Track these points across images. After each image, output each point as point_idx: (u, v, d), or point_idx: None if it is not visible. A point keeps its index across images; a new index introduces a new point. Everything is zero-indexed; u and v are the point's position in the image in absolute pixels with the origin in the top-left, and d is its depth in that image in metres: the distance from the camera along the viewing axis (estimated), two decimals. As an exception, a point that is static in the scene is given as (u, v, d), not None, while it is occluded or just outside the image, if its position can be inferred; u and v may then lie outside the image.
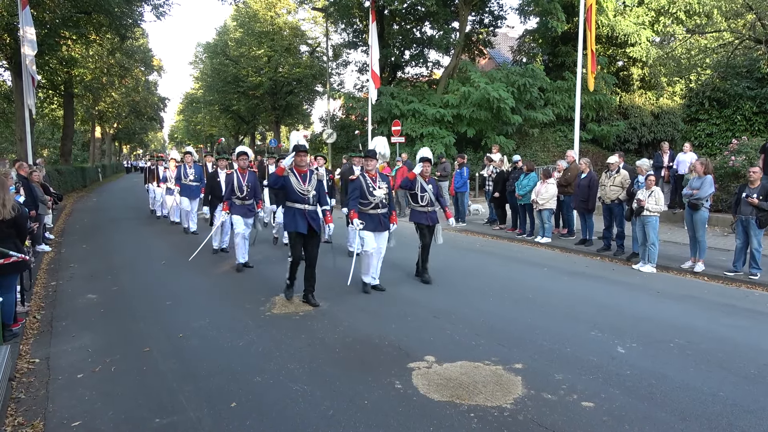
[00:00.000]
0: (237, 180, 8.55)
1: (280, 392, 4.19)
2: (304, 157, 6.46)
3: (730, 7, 16.32)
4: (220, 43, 38.78)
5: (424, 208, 7.75)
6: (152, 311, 6.47)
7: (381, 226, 7.09)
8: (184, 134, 70.02)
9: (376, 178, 7.07)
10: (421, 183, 7.75)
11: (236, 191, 8.50)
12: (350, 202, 7.02)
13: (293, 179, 6.37)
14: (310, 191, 6.44)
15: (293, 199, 6.40)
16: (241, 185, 8.54)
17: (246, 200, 8.61)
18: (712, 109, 18.18)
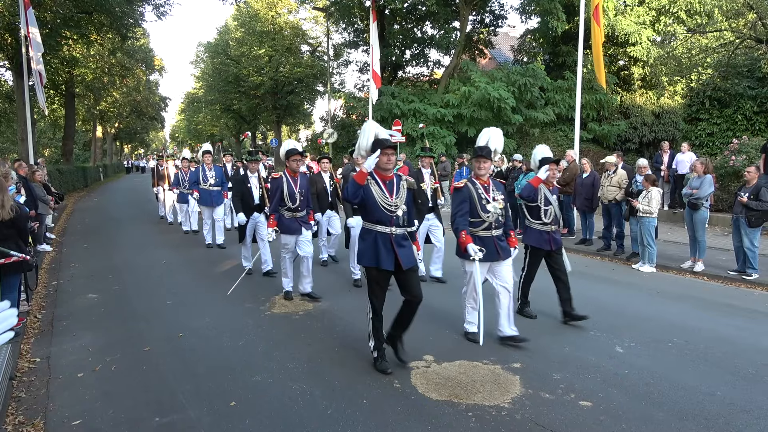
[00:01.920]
0: (288, 186, 6.65)
1: (279, 391, 4.21)
2: (392, 157, 4.52)
3: (731, 7, 16.30)
4: (221, 42, 38.80)
5: (546, 226, 5.89)
6: (153, 311, 6.50)
7: (498, 253, 5.11)
8: (185, 134, 70.06)
9: (489, 187, 5.18)
10: (545, 193, 5.91)
11: (287, 200, 6.67)
12: (458, 219, 5.02)
13: (375, 189, 4.49)
14: (399, 206, 4.55)
15: (375, 219, 4.51)
16: (293, 193, 6.64)
17: (298, 211, 6.74)
18: (712, 109, 18.17)
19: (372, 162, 4.37)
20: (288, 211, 6.67)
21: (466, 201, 5.07)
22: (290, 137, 57.71)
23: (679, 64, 18.54)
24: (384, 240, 4.48)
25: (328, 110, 29.64)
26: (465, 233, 4.94)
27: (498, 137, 5.25)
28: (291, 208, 6.65)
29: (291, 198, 6.64)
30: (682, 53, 18.62)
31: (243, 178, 8.27)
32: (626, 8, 21.42)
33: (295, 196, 6.65)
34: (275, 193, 6.66)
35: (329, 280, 7.82)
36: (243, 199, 8.11)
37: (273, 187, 6.80)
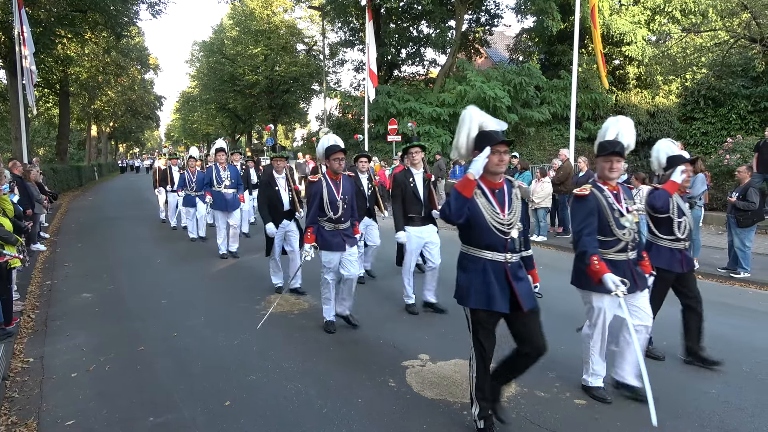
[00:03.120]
0: (329, 191, 5.41)
1: (274, 391, 4.20)
2: (505, 157, 3.33)
3: (726, 6, 16.35)
4: (217, 41, 38.72)
5: (678, 242, 4.59)
6: (147, 310, 6.48)
7: (636, 283, 3.90)
8: (180, 133, 69.86)
9: (620, 194, 3.90)
10: (677, 201, 4.58)
11: (327, 209, 5.39)
12: (585, 239, 3.71)
13: (482, 203, 3.32)
14: (514, 224, 3.36)
15: (484, 243, 3.34)
16: (334, 200, 5.40)
17: (341, 222, 5.47)
18: (707, 108, 18.25)
19: (480, 165, 3.17)
20: (329, 223, 5.43)
21: (594, 214, 3.78)
22: (286, 136, 57.72)
23: (674, 63, 18.60)
24: (497, 272, 3.33)
25: (323, 109, 29.63)
26: (598, 259, 3.62)
27: (629, 129, 4.09)
28: (332, 218, 5.40)
29: (332, 206, 5.39)
30: (677, 52, 18.68)
31: (269, 180, 6.95)
32: (621, 7, 21.48)
33: (338, 204, 5.39)
34: (313, 201, 5.39)
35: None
36: (270, 204, 6.84)
37: (311, 194, 5.47)
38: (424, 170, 6.12)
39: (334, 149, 5.38)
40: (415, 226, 6.01)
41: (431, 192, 6.16)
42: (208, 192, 9.75)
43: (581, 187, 3.92)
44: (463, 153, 3.52)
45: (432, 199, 6.14)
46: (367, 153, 8.01)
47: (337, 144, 5.43)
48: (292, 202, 7.02)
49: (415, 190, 5.95)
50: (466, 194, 3.19)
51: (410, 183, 5.99)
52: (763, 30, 14.20)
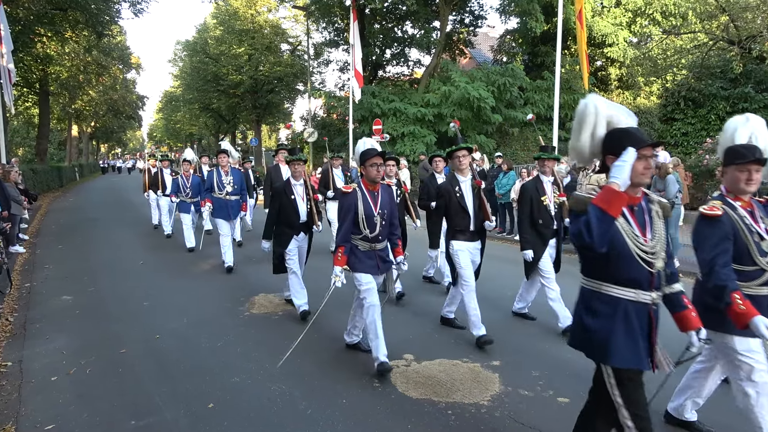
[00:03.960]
0: (365, 204, 4.55)
1: (258, 392, 4.18)
2: (651, 162, 2.56)
3: (705, 9, 16.65)
4: (200, 41, 38.34)
5: None
6: (129, 312, 6.40)
7: None
8: (163, 133, 69.18)
9: (755, 212, 3.11)
10: None
11: (363, 226, 4.52)
12: (722, 271, 2.92)
13: (621, 225, 2.55)
14: (659, 252, 2.59)
15: (625, 278, 2.57)
16: (371, 214, 4.54)
17: (378, 241, 4.62)
18: (687, 109, 18.51)
19: (627, 173, 2.40)
20: (364, 242, 4.57)
21: (729, 239, 2.98)
22: (270, 137, 57.44)
23: (655, 65, 18.88)
24: (640, 317, 2.60)
25: (308, 109, 29.53)
26: (741, 296, 2.83)
27: (763, 130, 3.23)
28: (368, 237, 4.55)
29: (368, 222, 4.53)
30: (658, 54, 18.96)
31: (284, 187, 6.01)
32: (603, 9, 21.73)
33: (375, 220, 4.53)
34: (346, 215, 4.52)
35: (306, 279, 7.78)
36: (282, 214, 5.94)
37: (342, 207, 4.58)
38: (472, 177, 5.27)
39: (370, 154, 4.49)
40: (463, 241, 5.25)
41: (482, 202, 5.28)
42: (208, 199, 8.53)
43: (710, 204, 3.09)
44: (586, 156, 2.76)
45: (483, 209, 5.27)
46: (392, 154, 7.04)
47: (374, 148, 4.57)
48: (310, 214, 6.10)
49: (462, 200, 5.17)
50: (613, 213, 2.37)
51: (456, 192, 5.18)
52: (740, 32, 14.46)
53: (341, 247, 4.54)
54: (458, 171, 5.24)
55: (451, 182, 5.27)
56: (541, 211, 5.50)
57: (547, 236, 5.52)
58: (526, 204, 5.52)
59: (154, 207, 13.17)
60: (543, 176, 5.61)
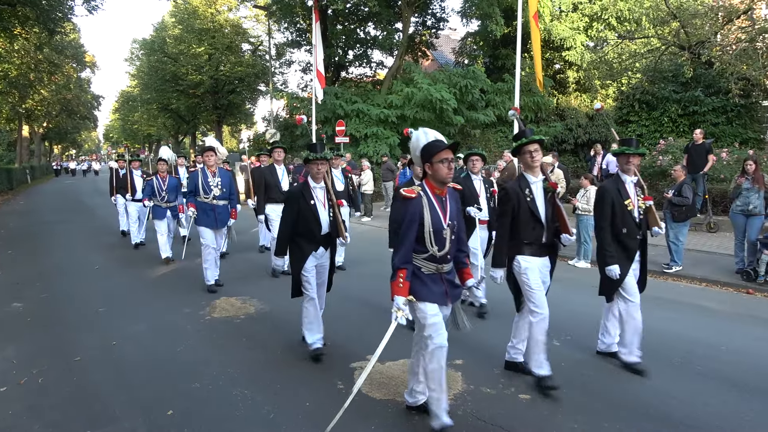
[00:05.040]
0: (432, 214, 3.50)
1: (220, 398, 4.10)
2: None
3: (657, 15, 17.19)
4: (158, 39, 37.46)
5: None
6: (84, 319, 6.19)
7: None
8: (120, 134, 67.31)
9: None
10: None
11: (430, 242, 3.48)
12: None
13: None
14: None
15: None
16: (440, 227, 3.49)
17: (446, 262, 3.59)
18: (641, 111, 19.08)
19: None
20: (430, 262, 3.52)
21: None
22: (232, 137, 56.57)
23: (611, 68, 19.38)
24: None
25: (270, 110, 29.26)
26: None
27: None
28: (436, 256, 3.50)
29: (437, 238, 3.47)
30: (613, 58, 19.48)
31: (301, 190, 4.86)
32: (561, 14, 22.24)
33: (444, 234, 3.49)
34: (408, 228, 3.44)
35: (272, 282, 7.69)
36: (299, 224, 4.80)
37: (402, 216, 3.52)
38: (545, 178, 4.30)
39: (438, 147, 3.40)
40: (532, 256, 4.28)
41: (557, 209, 4.31)
42: (192, 203, 7.31)
43: None
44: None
45: (560, 219, 4.31)
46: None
47: (441, 139, 3.52)
48: (334, 224, 4.93)
49: (533, 206, 4.17)
50: None
51: (526, 195, 4.19)
52: (690, 38, 15.02)
53: (402, 270, 3.44)
54: (529, 170, 4.24)
55: (520, 183, 4.25)
56: (624, 217, 4.54)
57: (632, 249, 4.60)
58: (607, 209, 4.55)
59: (122, 212, 12.11)
60: (624, 175, 4.64)
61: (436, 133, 3.56)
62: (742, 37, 13.74)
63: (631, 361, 4.58)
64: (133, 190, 10.85)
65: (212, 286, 7.37)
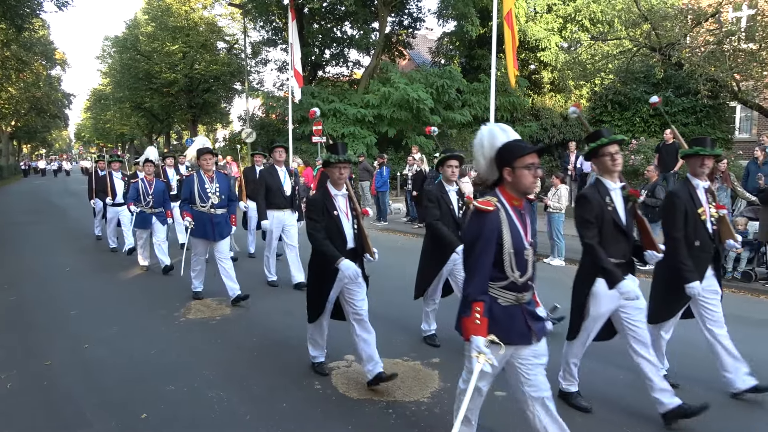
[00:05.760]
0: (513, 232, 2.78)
1: (195, 400, 4.06)
2: None
3: (629, 17, 17.46)
4: (131, 37, 36.81)
5: None
6: (55, 322, 6.06)
7: None
8: (92, 133, 65.96)
9: None
10: None
11: (511, 267, 2.78)
12: None
13: None
14: None
15: None
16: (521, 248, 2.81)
17: (526, 290, 2.89)
18: (614, 112, 19.41)
19: None
20: (509, 292, 2.83)
21: None
22: (207, 137, 55.85)
23: (584, 69, 19.64)
24: None
25: (246, 109, 28.99)
26: None
27: None
28: (518, 283, 2.82)
29: (518, 261, 2.79)
30: (587, 59, 19.74)
31: (322, 199, 4.21)
32: (536, 15, 22.50)
33: (526, 256, 2.83)
34: (484, 249, 2.74)
35: (247, 282, 7.64)
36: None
37: (479, 235, 2.75)
38: (624, 185, 3.72)
39: (524, 149, 2.77)
40: None
41: (640, 220, 3.78)
42: (188, 213, 6.57)
43: None
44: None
45: (644, 232, 3.76)
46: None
47: (517, 141, 2.85)
48: (359, 237, 4.32)
49: (616, 216, 3.58)
50: None
51: (607, 204, 3.57)
52: (661, 40, 15.29)
53: (478, 303, 2.70)
54: (607, 174, 3.62)
55: (599, 190, 3.61)
56: (697, 228, 3.95)
57: (705, 265, 3.99)
58: (680, 218, 3.92)
59: (99, 217, 11.39)
60: (696, 180, 4.03)
61: (508, 128, 2.93)
62: (710, 40, 14.05)
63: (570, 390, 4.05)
64: (113, 193, 10.06)
65: (200, 293, 6.89)
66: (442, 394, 4.11)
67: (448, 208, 4.83)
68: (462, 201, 5.05)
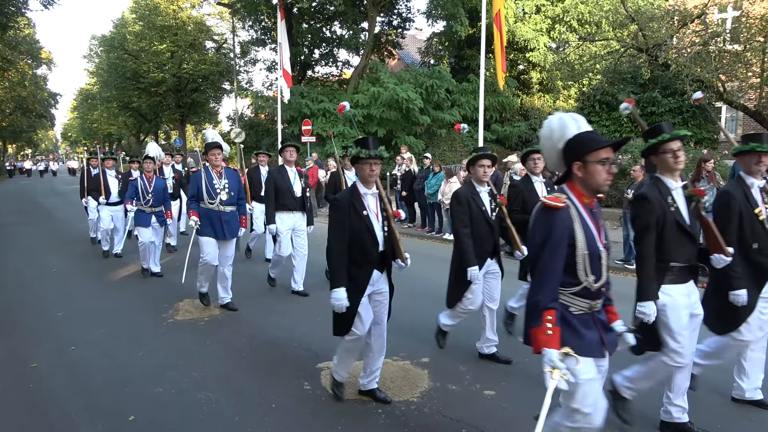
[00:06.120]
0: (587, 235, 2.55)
1: (183, 402, 4.03)
2: None
3: (616, 18, 17.62)
4: (118, 36, 36.48)
5: None
6: (41, 324, 6.00)
7: None
8: (78, 133, 65.31)
9: None
10: None
11: (585, 272, 2.55)
12: None
13: None
14: None
15: None
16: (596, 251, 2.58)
17: (599, 297, 2.65)
18: (602, 112, 19.59)
19: None
20: (583, 300, 2.59)
21: None
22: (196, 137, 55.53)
23: (572, 69, 19.79)
24: None
25: (235, 109, 28.86)
26: None
27: None
28: (591, 289, 2.58)
29: (593, 264, 2.56)
30: (575, 60, 19.89)
31: (350, 198, 3.77)
32: (525, 16, 22.61)
33: (601, 259, 2.62)
34: (553, 251, 2.50)
35: (238, 283, 7.61)
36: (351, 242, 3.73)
37: (549, 235, 2.51)
38: (684, 184, 3.44)
39: (599, 142, 2.55)
40: (679, 285, 3.37)
41: (704, 222, 3.49)
42: (194, 211, 6.14)
43: None
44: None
45: (709, 234, 3.48)
46: None
47: (594, 131, 2.71)
48: (391, 239, 3.88)
49: (679, 217, 3.29)
50: None
51: (669, 204, 3.30)
52: (648, 41, 15.43)
53: (550, 312, 2.45)
54: (668, 173, 3.35)
55: (660, 189, 3.32)
56: (755, 230, 3.65)
57: (765, 268, 3.69)
58: (734, 220, 3.62)
59: (93, 217, 10.75)
60: (750, 178, 3.72)
61: (579, 117, 2.71)
62: (696, 41, 14.21)
63: None
64: (107, 191, 9.58)
65: (206, 297, 6.45)
66: (431, 394, 4.11)
67: (480, 210, 4.51)
68: (495, 202, 4.70)
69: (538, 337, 2.47)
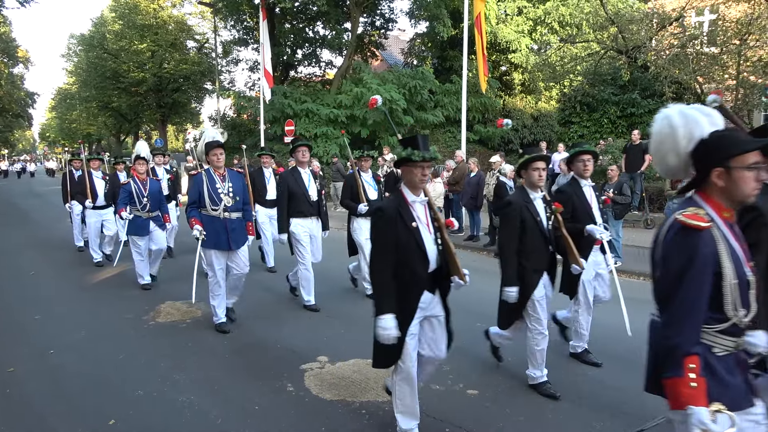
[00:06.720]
0: (734, 258, 2.07)
1: (165, 405, 3.99)
2: None
3: (596, 20, 17.83)
4: (97, 35, 35.91)
5: None
6: (18, 328, 5.90)
7: None
8: (57, 133, 64.21)
9: None
10: None
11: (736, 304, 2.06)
12: None
13: None
14: None
15: None
16: (743, 276, 2.08)
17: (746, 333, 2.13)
18: (582, 113, 19.79)
19: None
20: (729, 337, 2.11)
21: None
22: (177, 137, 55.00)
23: (554, 71, 19.97)
24: None
25: (217, 109, 28.61)
26: None
27: None
28: (741, 325, 2.11)
29: (742, 293, 2.07)
30: (556, 61, 20.08)
31: (397, 207, 3.24)
32: (507, 17, 22.77)
33: (750, 290, 2.12)
34: (697, 280, 2.02)
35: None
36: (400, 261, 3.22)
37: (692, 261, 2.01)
38: None
39: (744, 143, 2.07)
40: None
41: None
42: (197, 219, 5.44)
43: None
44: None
45: None
46: None
47: (735, 129, 2.53)
48: (444, 255, 3.38)
49: None
50: None
51: None
52: (627, 43, 15.64)
53: (692, 359, 2.00)
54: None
55: None
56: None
57: None
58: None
59: (77, 223, 10.09)
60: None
61: (718, 115, 2.19)
62: (675, 43, 14.42)
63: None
64: (94, 195, 8.99)
65: (224, 325, 5.68)
66: (415, 394, 4.12)
67: (534, 221, 3.98)
68: (550, 209, 4.18)
69: (679, 390, 1.98)
